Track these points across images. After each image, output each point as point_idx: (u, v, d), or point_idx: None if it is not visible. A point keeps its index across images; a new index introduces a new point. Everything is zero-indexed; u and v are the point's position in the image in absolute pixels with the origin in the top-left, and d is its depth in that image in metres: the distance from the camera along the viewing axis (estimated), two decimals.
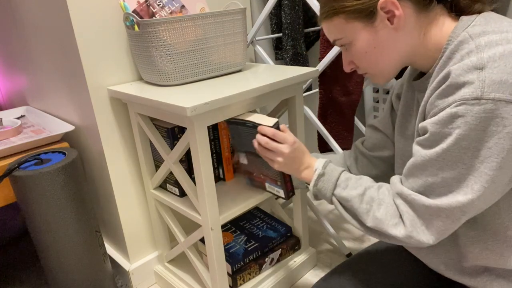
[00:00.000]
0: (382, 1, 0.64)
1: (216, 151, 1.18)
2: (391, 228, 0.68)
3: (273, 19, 1.52)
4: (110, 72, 1.13)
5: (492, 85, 0.55)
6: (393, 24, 0.66)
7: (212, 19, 1.06)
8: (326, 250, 1.45)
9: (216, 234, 1.02)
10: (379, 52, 0.70)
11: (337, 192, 0.77)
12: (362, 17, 0.66)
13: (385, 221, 0.69)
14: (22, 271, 1.41)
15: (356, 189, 0.74)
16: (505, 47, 0.57)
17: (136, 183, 1.26)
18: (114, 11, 1.11)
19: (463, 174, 0.59)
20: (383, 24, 0.66)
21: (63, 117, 1.33)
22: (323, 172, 0.79)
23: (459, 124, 0.58)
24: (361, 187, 0.74)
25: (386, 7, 0.64)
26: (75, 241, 1.04)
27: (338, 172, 0.79)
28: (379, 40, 0.68)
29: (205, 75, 1.11)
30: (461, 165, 0.59)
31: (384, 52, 0.69)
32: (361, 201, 0.73)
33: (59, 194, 0.98)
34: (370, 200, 0.72)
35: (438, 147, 0.61)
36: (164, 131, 1.09)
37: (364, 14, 0.66)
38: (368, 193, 0.73)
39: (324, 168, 0.80)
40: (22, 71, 1.51)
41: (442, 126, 0.60)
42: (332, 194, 0.78)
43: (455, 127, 0.58)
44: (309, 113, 1.34)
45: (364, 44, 0.69)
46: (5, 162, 1.09)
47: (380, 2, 0.64)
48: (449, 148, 0.59)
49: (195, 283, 1.20)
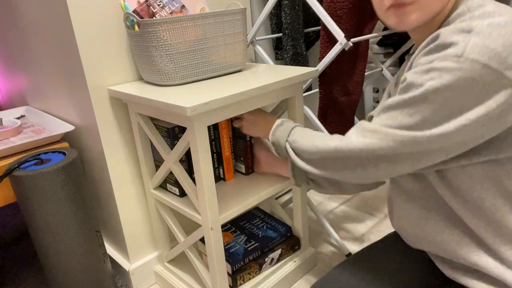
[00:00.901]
0: None
1: (216, 151, 1.18)
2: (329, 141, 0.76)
3: (273, 19, 1.52)
4: (110, 72, 1.13)
5: (474, 46, 0.57)
6: None
7: (212, 19, 1.06)
8: (326, 250, 1.45)
9: (216, 234, 1.02)
10: None
11: (290, 138, 0.89)
12: None
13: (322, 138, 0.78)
14: (22, 271, 1.41)
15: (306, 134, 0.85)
16: (495, 19, 0.59)
17: (136, 183, 1.26)
18: (114, 11, 1.11)
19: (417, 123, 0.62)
20: None
21: (63, 117, 1.33)
22: (281, 123, 0.95)
23: (433, 76, 0.60)
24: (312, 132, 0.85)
25: None
26: (75, 241, 1.04)
27: (295, 124, 0.93)
28: None
29: (205, 75, 1.11)
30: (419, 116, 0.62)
31: None
32: (305, 139, 0.84)
33: (59, 194, 0.98)
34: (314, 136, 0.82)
35: (406, 95, 0.63)
36: (164, 131, 1.09)
37: None
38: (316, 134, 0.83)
39: (282, 121, 0.95)
40: (22, 71, 1.51)
41: (417, 77, 0.62)
42: (286, 141, 0.90)
43: (428, 79, 0.60)
44: (309, 113, 1.34)
45: None
46: (5, 162, 1.09)
47: None
48: (415, 97, 0.62)
49: (195, 283, 1.20)
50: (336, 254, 1.43)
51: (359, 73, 1.34)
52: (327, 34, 1.24)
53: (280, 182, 1.17)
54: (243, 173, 1.21)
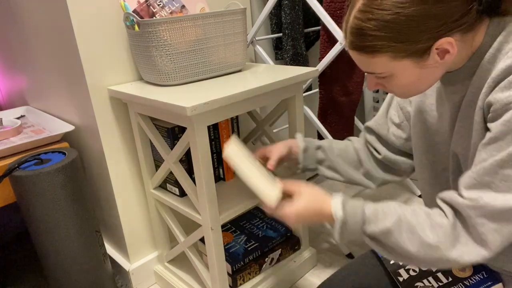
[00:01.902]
0: (439, 43, 0.61)
1: (216, 151, 1.18)
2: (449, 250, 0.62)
3: (273, 19, 1.52)
4: (110, 72, 1.13)
5: None
6: (443, 59, 0.63)
7: (212, 19, 1.06)
8: (326, 250, 1.45)
9: (216, 234, 1.02)
10: (420, 83, 0.67)
11: (367, 230, 0.69)
12: (414, 56, 0.63)
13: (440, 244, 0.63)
14: (22, 271, 1.41)
15: (387, 219, 0.67)
16: None
17: (136, 183, 1.26)
18: (114, 11, 1.11)
19: None
20: (433, 60, 0.63)
21: (63, 117, 1.33)
22: (345, 219, 0.71)
23: None
24: (392, 214, 0.67)
25: (441, 47, 0.62)
26: (75, 241, 1.04)
27: (361, 210, 0.70)
28: (424, 73, 0.65)
29: (205, 75, 1.11)
30: None
31: (425, 82, 0.67)
32: (400, 230, 0.66)
33: (59, 194, 0.98)
34: (410, 227, 0.66)
35: (509, 148, 0.58)
36: (164, 131, 1.09)
37: (417, 55, 0.62)
38: (404, 218, 0.67)
39: (344, 213, 0.71)
40: (22, 71, 1.51)
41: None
42: (364, 235, 0.70)
43: None
44: (309, 113, 1.34)
45: (408, 80, 0.66)
46: (5, 162, 1.09)
47: (437, 44, 0.61)
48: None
49: (195, 283, 1.20)
50: (336, 254, 1.43)
51: (359, 73, 1.34)
52: (327, 34, 1.24)
53: None
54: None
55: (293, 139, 1.00)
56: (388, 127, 0.93)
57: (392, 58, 0.63)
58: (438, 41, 0.61)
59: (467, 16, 0.60)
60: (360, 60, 0.68)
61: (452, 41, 0.61)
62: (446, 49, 0.62)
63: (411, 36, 0.60)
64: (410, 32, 0.60)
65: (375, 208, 0.70)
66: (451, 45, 0.61)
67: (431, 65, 0.64)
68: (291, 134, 1.19)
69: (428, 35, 0.60)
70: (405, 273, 0.80)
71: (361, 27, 0.63)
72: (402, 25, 0.60)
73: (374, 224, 0.68)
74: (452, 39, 0.61)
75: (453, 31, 0.60)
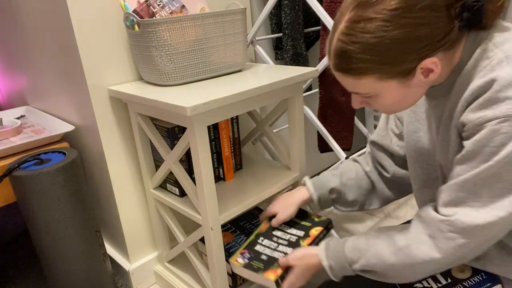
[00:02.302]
0: (423, 63, 0.62)
1: (216, 151, 1.18)
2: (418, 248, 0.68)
3: (273, 19, 1.52)
4: (110, 72, 1.13)
5: None
6: (427, 78, 0.64)
7: (212, 19, 1.06)
8: None
9: (216, 234, 1.02)
10: (405, 101, 0.68)
11: (355, 269, 0.77)
12: (399, 77, 0.63)
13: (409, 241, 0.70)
14: (22, 271, 1.41)
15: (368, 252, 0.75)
16: None
17: (136, 183, 1.26)
18: (114, 11, 1.11)
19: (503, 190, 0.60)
20: (418, 79, 0.64)
21: (63, 117, 1.33)
22: (331, 265, 0.80)
23: (504, 141, 0.57)
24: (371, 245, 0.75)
25: (426, 66, 0.62)
26: (75, 241, 1.04)
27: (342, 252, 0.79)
28: (409, 92, 0.66)
29: (205, 75, 1.11)
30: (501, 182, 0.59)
31: (410, 100, 0.68)
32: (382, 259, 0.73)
33: (59, 194, 0.98)
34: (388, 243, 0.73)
35: (481, 167, 0.60)
36: (164, 131, 1.09)
37: (402, 75, 0.63)
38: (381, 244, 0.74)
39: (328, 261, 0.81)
40: (22, 71, 1.51)
41: (484, 144, 0.59)
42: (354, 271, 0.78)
43: (500, 145, 0.58)
44: (309, 113, 1.34)
45: (393, 99, 0.67)
46: (5, 162, 1.09)
47: (422, 64, 0.62)
48: (491, 166, 0.59)
49: (195, 283, 1.20)
50: None
51: None
52: (327, 34, 1.24)
53: (280, 182, 1.17)
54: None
55: (302, 188, 1.04)
56: (391, 138, 0.94)
57: (378, 79, 0.64)
58: (423, 62, 0.61)
59: (449, 35, 0.61)
60: (346, 82, 0.68)
61: (436, 60, 0.61)
62: (430, 69, 0.62)
63: (396, 58, 0.61)
64: (395, 55, 0.60)
65: (354, 247, 0.78)
66: (435, 65, 0.62)
67: (415, 84, 0.65)
68: (291, 134, 1.19)
69: (413, 57, 0.61)
70: None
71: (345, 50, 0.63)
72: (387, 48, 0.60)
73: (357, 264, 0.76)
74: (436, 59, 0.61)
75: (436, 51, 0.61)
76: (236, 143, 1.24)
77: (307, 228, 1.04)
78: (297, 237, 1.02)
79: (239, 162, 1.28)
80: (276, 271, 0.91)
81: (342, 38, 0.63)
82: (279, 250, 0.99)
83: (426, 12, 0.58)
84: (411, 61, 0.61)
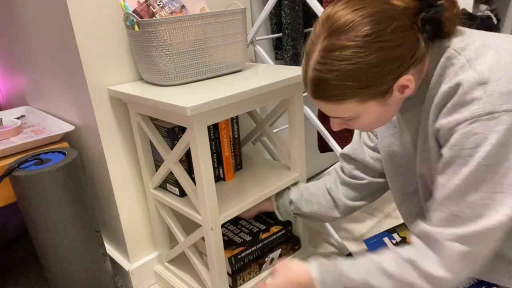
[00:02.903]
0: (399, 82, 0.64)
1: (216, 151, 1.18)
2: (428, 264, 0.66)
3: (273, 19, 1.52)
4: (110, 72, 1.13)
5: (501, 97, 0.56)
6: (403, 94, 0.66)
7: (212, 19, 1.06)
8: (326, 250, 1.45)
9: (216, 234, 1.02)
10: (383, 117, 0.70)
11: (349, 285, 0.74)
12: (378, 97, 0.65)
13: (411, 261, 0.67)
14: (22, 271, 1.41)
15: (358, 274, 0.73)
16: (494, 55, 0.59)
17: (136, 183, 1.26)
18: (114, 11, 1.11)
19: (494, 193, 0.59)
20: (395, 97, 0.66)
21: (63, 117, 1.33)
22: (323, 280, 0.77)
23: (478, 142, 0.58)
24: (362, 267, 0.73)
25: (401, 84, 0.64)
26: (75, 241, 1.04)
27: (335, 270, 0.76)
28: (387, 109, 0.68)
29: (205, 75, 1.11)
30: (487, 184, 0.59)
31: (388, 116, 0.70)
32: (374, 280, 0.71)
33: (59, 194, 0.98)
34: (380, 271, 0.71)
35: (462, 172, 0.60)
36: (164, 131, 1.09)
37: (380, 95, 0.65)
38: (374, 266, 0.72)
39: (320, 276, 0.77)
40: (22, 71, 1.52)
41: (460, 148, 0.60)
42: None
43: (474, 146, 0.58)
44: (309, 113, 1.34)
45: (373, 118, 0.69)
46: (5, 162, 1.09)
47: (398, 82, 0.64)
48: (473, 170, 0.59)
49: (195, 283, 1.20)
50: (336, 254, 1.43)
51: None
52: None
53: (280, 182, 1.17)
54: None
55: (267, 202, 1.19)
56: (364, 150, 0.96)
57: (358, 103, 0.66)
58: (398, 80, 0.63)
59: (418, 50, 0.63)
60: (327, 108, 0.69)
61: (410, 77, 0.64)
62: (405, 85, 0.65)
63: (374, 81, 0.63)
64: (373, 78, 0.62)
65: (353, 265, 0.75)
66: (410, 81, 0.64)
67: (393, 101, 0.67)
68: (291, 134, 1.19)
69: (390, 77, 0.63)
70: None
71: (323, 79, 0.64)
72: (364, 72, 0.62)
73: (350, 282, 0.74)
74: (410, 75, 0.64)
75: (409, 68, 0.63)
76: (236, 143, 1.24)
77: (269, 224, 1.25)
78: (258, 229, 1.24)
79: (239, 162, 1.28)
80: (232, 252, 1.12)
81: (318, 68, 0.64)
82: (240, 235, 1.22)
83: (396, 34, 0.60)
84: (389, 82, 0.63)
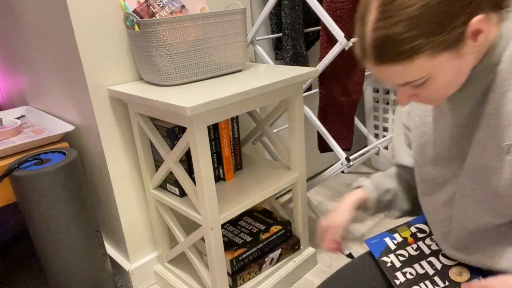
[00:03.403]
0: (471, 24, 0.56)
1: (216, 151, 1.18)
2: None
3: (273, 19, 1.52)
4: (110, 72, 1.13)
5: None
6: (477, 41, 0.58)
7: (212, 19, 1.06)
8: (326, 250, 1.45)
9: (216, 234, 1.02)
10: (458, 77, 0.61)
11: None
12: (451, 47, 0.57)
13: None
14: (22, 271, 1.41)
15: None
16: None
17: (136, 183, 1.26)
18: (114, 11, 1.11)
19: None
20: (469, 46, 0.58)
21: (63, 117, 1.33)
22: None
23: None
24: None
25: (473, 28, 0.57)
26: (75, 241, 1.04)
27: None
28: (462, 64, 0.60)
29: (205, 75, 1.11)
30: None
31: (462, 75, 0.62)
32: None
33: (59, 194, 0.98)
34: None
35: None
36: (164, 131, 1.09)
37: (453, 44, 0.57)
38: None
39: None
40: (22, 71, 1.52)
41: None
42: None
43: None
44: (309, 113, 1.34)
45: (448, 77, 0.60)
46: (5, 162, 1.09)
47: (470, 26, 0.56)
48: None
49: (195, 283, 1.20)
50: (336, 254, 1.43)
51: (359, 73, 1.34)
52: (327, 34, 1.24)
53: (280, 182, 1.17)
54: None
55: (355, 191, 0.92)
56: None
57: (430, 57, 0.58)
58: (470, 23, 0.56)
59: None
60: (394, 73, 0.61)
61: (482, 17, 0.56)
62: (478, 29, 0.57)
63: (445, 24, 0.55)
64: (443, 20, 0.55)
65: None
66: (483, 23, 0.56)
67: (467, 52, 0.58)
68: (291, 134, 1.19)
69: (461, 18, 0.55)
70: (402, 276, 0.80)
71: (388, 35, 0.57)
72: (433, 14, 0.55)
73: None
74: (482, 16, 0.56)
75: (480, 7, 0.56)
76: (236, 143, 1.24)
77: (269, 225, 1.24)
78: (258, 229, 1.23)
79: (239, 162, 1.28)
80: (233, 254, 1.10)
81: (379, 25, 0.57)
82: (240, 236, 1.22)
83: None
84: (460, 24, 0.56)
